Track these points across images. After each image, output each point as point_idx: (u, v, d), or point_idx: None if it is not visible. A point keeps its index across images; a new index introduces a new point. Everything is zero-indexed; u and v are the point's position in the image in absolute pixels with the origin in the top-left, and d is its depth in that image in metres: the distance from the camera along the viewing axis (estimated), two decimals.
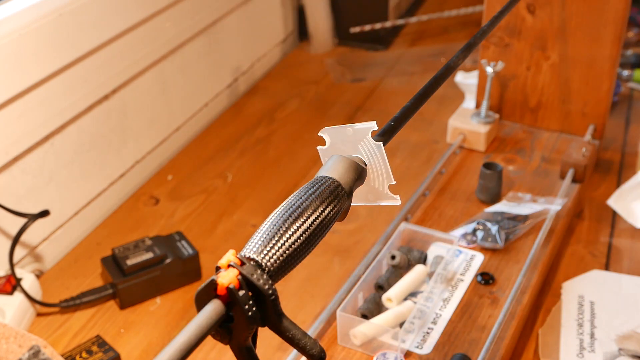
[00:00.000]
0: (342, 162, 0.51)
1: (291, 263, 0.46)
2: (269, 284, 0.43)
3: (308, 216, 0.47)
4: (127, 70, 1.17)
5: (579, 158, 1.11)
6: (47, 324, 0.97)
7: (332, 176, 0.50)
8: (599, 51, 1.15)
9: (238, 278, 0.42)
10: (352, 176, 0.51)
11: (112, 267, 0.99)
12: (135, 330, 0.96)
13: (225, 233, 1.13)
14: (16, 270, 0.96)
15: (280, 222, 0.46)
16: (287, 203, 0.48)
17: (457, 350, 0.84)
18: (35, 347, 0.43)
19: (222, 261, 0.43)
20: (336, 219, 0.50)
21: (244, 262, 0.43)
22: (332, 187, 0.49)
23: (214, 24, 1.39)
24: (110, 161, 1.18)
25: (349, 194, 0.50)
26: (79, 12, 1.04)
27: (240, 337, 0.44)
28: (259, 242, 0.45)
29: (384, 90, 1.52)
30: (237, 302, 0.42)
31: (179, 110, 1.34)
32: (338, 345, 0.86)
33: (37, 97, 1.00)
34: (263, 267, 0.44)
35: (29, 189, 1.03)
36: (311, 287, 1.02)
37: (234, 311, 0.43)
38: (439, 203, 1.08)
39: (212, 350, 0.91)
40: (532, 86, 1.23)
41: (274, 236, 0.45)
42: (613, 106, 1.38)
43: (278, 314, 0.44)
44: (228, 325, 0.43)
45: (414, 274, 0.92)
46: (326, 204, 0.48)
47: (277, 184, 1.24)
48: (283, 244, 0.45)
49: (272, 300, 0.43)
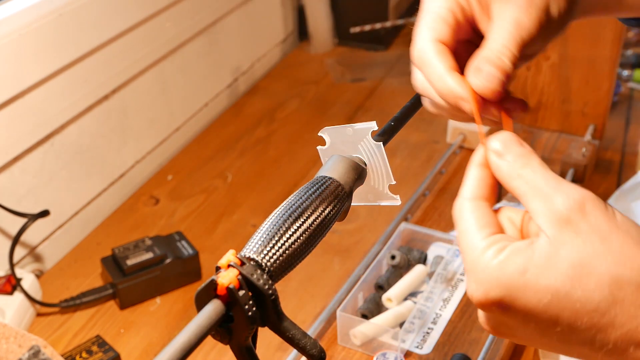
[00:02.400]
0: (342, 162, 0.51)
1: (291, 263, 0.46)
2: (269, 284, 0.43)
3: (308, 216, 0.47)
4: (127, 70, 1.17)
5: (579, 158, 1.11)
6: (47, 324, 0.97)
7: (332, 176, 0.50)
8: (599, 51, 1.15)
9: (238, 278, 0.42)
10: (352, 176, 0.51)
11: (112, 267, 0.99)
12: (135, 330, 0.96)
13: (225, 233, 1.13)
14: (16, 270, 0.96)
15: (280, 222, 0.46)
16: (287, 203, 0.48)
17: (457, 350, 0.84)
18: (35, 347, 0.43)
19: (222, 261, 0.43)
20: (336, 219, 0.50)
21: (244, 262, 0.43)
22: (332, 187, 0.49)
23: (214, 24, 1.39)
24: (110, 161, 1.18)
25: (349, 194, 0.50)
26: (79, 12, 1.04)
27: (240, 337, 0.44)
28: (259, 242, 0.45)
29: (384, 90, 1.52)
30: (237, 302, 0.42)
31: (179, 110, 1.34)
32: (338, 345, 0.86)
33: (37, 97, 1.00)
34: (263, 267, 0.44)
35: (29, 189, 1.03)
36: (311, 287, 1.02)
37: (234, 311, 0.43)
38: (439, 203, 1.08)
39: (212, 351, 0.91)
40: (532, 86, 1.23)
41: (274, 236, 0.45)
42: (613, 106, 1.38)
43: (278, 314, 0.44)
44: (228, 325, 0.43)
45: (414, 274, 0.92)
46: (326, 204, 0.48)
47: (277, 184, 1.24)
48: (283, 244, 0.45)
49: (272, 300, 0.43)
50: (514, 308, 0.41)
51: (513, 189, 0.44)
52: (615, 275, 0.39)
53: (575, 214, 0.41)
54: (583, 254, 0.40)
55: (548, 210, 0.41)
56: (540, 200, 0.42)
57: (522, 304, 0.40)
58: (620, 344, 0.39)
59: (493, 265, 0.41)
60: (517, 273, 0.40)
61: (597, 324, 0.39)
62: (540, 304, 0.40)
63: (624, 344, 0.39)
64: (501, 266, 0.41)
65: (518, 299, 0.40)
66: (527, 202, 0.43)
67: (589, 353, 0.41)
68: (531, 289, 0.40)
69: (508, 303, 0.41)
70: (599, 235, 0.40)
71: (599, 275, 0.39)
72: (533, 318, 0.40)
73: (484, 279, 0.41)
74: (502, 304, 0.41)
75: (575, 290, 0.39)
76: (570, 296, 0.39)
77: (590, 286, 0.39)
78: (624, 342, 0.39)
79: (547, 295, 0.40)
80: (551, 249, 0.40)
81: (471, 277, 0.42)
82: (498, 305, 0.41)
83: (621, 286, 0.39)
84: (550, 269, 0.40)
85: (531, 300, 0.40)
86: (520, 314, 0.41)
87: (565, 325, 0.40)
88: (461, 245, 0.44)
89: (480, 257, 0.42)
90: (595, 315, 0.39)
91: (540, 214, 0.41)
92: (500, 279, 0.40)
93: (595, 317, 0.39)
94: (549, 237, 0.41)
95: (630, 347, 0.39)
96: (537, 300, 0.40)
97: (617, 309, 0.39)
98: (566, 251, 0.40)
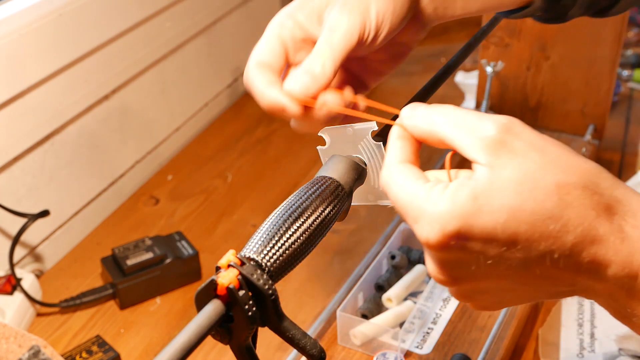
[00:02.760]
0: (342, 162, 0.51)
1: (291, 263, 0.46)
2: (269, 284, 0.43)
3: (308, 216, 0.47)
4: (127, 70, 1.17)
5: None
6: (47, 324, 0.97)
7: (332, 176, 0.50)
8: (599, 51, 1.15)
9: (238, 278, 0.42)
10: (352, 176, 0.51)
11: (112, 267, 0.99)
12: (135, 330, 0.96)
13: (225, 233, 1.13)
14: (16, 270, 0.96)
15: (280, 222, 0.46)
16: (287, 203, 0.48)
17: (457, 350, 0.84)
18: (35, 347, 0.43)
19: (222, 261, 0.43)
20: (336, 219, 0.50)
21: (244, 262, 0.43)
22: (332, 187, 0.49)
23: (214, 24, 1.39)
24: (110, 161, 1.18)
25: (349, 194, 0.50)
26: (79, 12, 1.04)
27: (240, 337, 0.44)
28: (259, 242, 0.45)
29: (384, 90, 1.52)
30: (237, 302, 0.42)
31: (179, 110, 1.34)
32: (338, 345, 0.86)
33: (37, 97, 1.00)
34: (263, 267, 0.44)
35: (29, 189, 1.03)
36: (311, 287, 1.02)
37: (234, 311, 0.43)
38: None
39: (212, 350, 0.91)
40: (532, 86, 1.23)
41: (274, 236, 0.45)
42: (613, 106, 1.38)
43: (278, 314, 0.44)
44: (228, 325, 0.43)
45: (414, 274, 0.92)
46: (326, 204, 0.48)
47: (277, 184, 1.24)
48: (283, 244, 0.45)
49: (273, 300, 0.43)
50: (473, 235, 0.41)
51: (437, 136, 0.44)
52: (561, 182, 0.41)
53: (506, 135, 0.42)
54: (526, 169, 0.41)
55: (478, 139, 0.42)
56: (467, 133, 0.43)
57: (481, 228, 0.41)
58: (577, 247, 0.41)
59: (443, 200, 0.41)
60: (468, 200, 0.41)
61: (553, 231, 0.40)
62: (498, 225, 0.40)
63: (580, 246, 0.41)
64: (451, 198, 0.41)
65: (476, 224, 0.41)
66: (454, 141, 0.43)
67: (550, 272, 0.42)
68: (486, 212, 0.40)
69: (466, 231, 0.41)
70: (536, 150, 0.42)
71: (546, 185, 0.41)
72: (493, 241, 0.41)
73: (437, 215, 0.41)
74: (461, 234, 0.41)
75: (528, 203, 0.40)
76: (524, 210, 0.40)
77: (540, 197, 0.40)
78: (580, 244, 0.41)
79: (503, 214, 0.40)
80: (493, 173, 0.41)
81: (422, 221, 0.42)
82: (457, 237, 0.41)
83: (568, 191, 0.41)
84: (499, 191, 0.41)
85: (489, 222, 0.40)
86: (481, 241, 0.41)
87: (524, 241, 0.41)
88: (401, 202, 0.44)
89: (427, 199, 0.42)
90: (550, 223, 0.40)
91: (471, 147, 0.42)
92: (454, 210, 0.41)
93: (551, 224, 0.40)
94: (487, 165, 0.41)
95: (585, 248, 0.41)
96: (495, 221, 0.40)
97: (569, 212, 0.41)
98: (508, 171, 0.41)
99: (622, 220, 0.42)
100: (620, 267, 0.42)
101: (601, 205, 0.42)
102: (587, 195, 0.41)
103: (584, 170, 0.42)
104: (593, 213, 0.41)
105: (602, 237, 0.41)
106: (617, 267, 0.42)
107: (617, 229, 0.42)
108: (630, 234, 0.42)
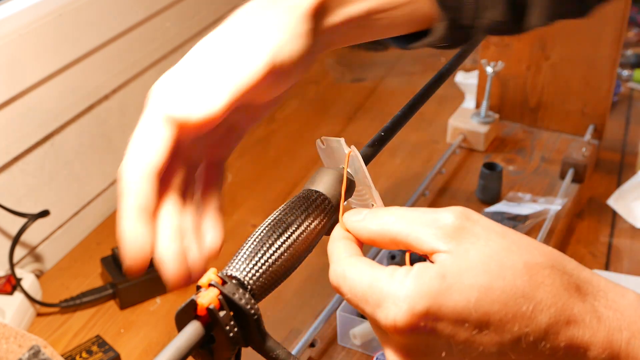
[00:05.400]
0: (328, 175, 0.50)
1: (276, 280, 0.44)
2: (252, 304, 0.41)
3: (293, 231, 0.45)
4: (127, 70, 1.17)
5: (579, 158, 1.11)
6: (47, 324, 0.97)
7: (319, 189, 0.49)
8: (599, 51, 1.15)
9: (219, 298, 0.40)
10: (339, 189, 0.49)
11: (112, 267, 0.99)
12: (135, 330, 0.96)
13: (225, 233, 1.13)
14: (16, 270, 0.96)
15: (265, 239, 0.44)
16: (272, 218, 0.46)
17: None
18: (35, 347, 0.43)
19: (202, 280, 0.42)
20: (324, 233, 0.48)
21: (225, 281, 0.42)
22: (319, 200, 0.48)
23: (214, 24, 1.39)
24: (110, 161, 1.18)
25: (336, 207, 0.49)
26: (79, 12, 1.04)
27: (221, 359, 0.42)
28: (242, 259, 0.43)
29: (384, 90, 1.53)
30: (218, 323, 0.40)
31: None
32: (338, 345, 0.86)
33: (37, 97, 1.00)
34: (245, 286, 0.42)
35: (29, 189, 1.03)
36: (311, 287, 1.01)
37: (215, 332, 0.41)
38: (439, 203, 1.08)
39: None
40: (532, 86, 1.23)
41: (257, 253, 0.43)
42: (613, 106, 1.38)
43: (261, 334, 0.42)
44: (210, 346, 0.42)
45: None
46: (312, 218, 0.47)
47: (277, 184, 1.24)
48: (266, 261, 0.43)
49: (255, 320, 0.41)
50: (443, 315, 0.38)
51: (389, 234, 0.43)
52: (529, 262, 0.40)
53: (465, 222, 0.41)
54: (490, 251, 0.40)
55: (436, 229, 0.41)
56: (423, 225, 0.41)
57: (451, 307, 0.38)
58: (552, 328, 0.39)
59: (409, 279, 0.39)
60: (437, 278, 0.39)
61: (526, 311, 0.39)
62: (470, 304, 0.38)
63: (555, 327, 0.39)
64: (418, 277, 0.39)
65: (446, 303, 0.38)
66: (410, 235, 0.42)
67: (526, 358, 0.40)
68: (456, 290, 0.38)
69: (436, 311, 0.38)
70: (497, 234, 0.41)
71: (514, 264, 0.39)
72: (465, 322, 0.38)
73: (404, 294, 0.38)
74: (430, 314, 0.38)
75: (497, 281, 0.39)
76: (494, 288, 0.39)
77: (509, 276, 0.39)
78: (555, 325, 0.39)
79: (474, 292, 0.38)
80: (457, 257, 0.39)
81: (387, 303, 0.39)
82: (426, 317, 0.38)
83: (538, 270, 0.39)
84: (467, 270, 0.39)
85: (460, 301, 0.38)
86: (451, 322, 0.38)
87: (497, 321, 0.38)
88: (359, 289, 0.41)
89: (391, 281, 0.40)
90: (523, 302, 0.39)
91: (429, 238, 0.41)
92: (421, 288, 0.38)
93: (524, 303, 0.39)
94: (449, 251, 0.40)
95: (561, 329, 0.39)
96: (466, 300, 0.38)
97: (540, 292, 0.39)
98: (473, 253, 0.40)
99: (595, 300, 0.40)
100: (600, 349, 0.39)
101: (572, 285, 0.40)
102: (557, 275, 0.40)
103: (548, 251, 0.41)
104: (566, 293, 0.39)
105: (577, 317, 0.39)
106: (598, 349, 0.39)
107: (591, 308, 0.40)
108: (604, 313, 0.40)
